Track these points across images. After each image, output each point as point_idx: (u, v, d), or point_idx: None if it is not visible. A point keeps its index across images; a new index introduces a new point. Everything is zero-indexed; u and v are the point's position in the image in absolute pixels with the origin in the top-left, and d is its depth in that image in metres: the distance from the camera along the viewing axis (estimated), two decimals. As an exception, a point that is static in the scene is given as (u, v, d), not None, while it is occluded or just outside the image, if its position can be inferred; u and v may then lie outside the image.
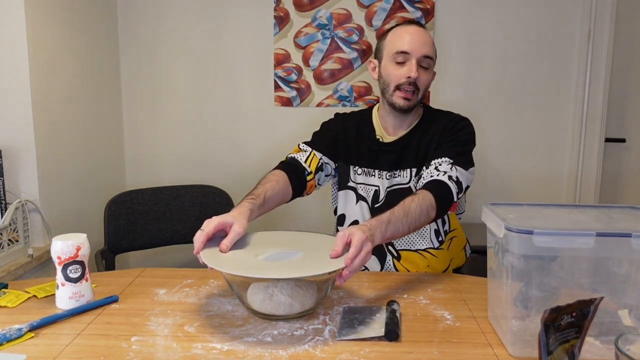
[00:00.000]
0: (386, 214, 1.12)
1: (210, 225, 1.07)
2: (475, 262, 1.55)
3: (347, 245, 1.01)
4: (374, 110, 1.48)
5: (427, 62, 1.33)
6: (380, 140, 1.43)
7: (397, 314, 1.03)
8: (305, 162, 1.41)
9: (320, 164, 1.43)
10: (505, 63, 2.34)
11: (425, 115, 1.43)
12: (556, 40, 2.32)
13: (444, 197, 1.23)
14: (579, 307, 0.78)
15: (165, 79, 2.38)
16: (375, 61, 1.42)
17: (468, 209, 1.64)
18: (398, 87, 1.34)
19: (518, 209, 1.04)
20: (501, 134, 2.38)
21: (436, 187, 1.24)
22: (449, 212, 1.28)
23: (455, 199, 1.26)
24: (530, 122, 2.38)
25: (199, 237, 1.05)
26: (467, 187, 1.31)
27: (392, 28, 1.39)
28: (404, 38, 1.33)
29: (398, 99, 1.34)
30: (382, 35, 1.41)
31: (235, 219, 1.09)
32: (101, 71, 2.19)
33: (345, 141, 1.46)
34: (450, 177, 1.26)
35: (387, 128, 1.44)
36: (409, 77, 1.31)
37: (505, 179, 2.42)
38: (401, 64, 1.33)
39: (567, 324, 0.77)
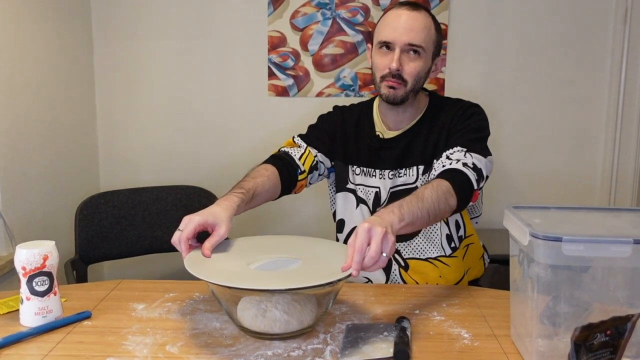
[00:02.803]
0: (395, 202, 1.11)
1: (190, 226, 1.09)
2: (495, 274, 1.55)
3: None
4: (375, 104, 1.50)
5: (415, 50, 1.33)
6: (381, 136, 1.44)
7: (408, 332, 1.03)
8: (300, 159, 1.43)
9: (314, 162, 1.45)
10: (529, 47, 2.34)
11: (432, 106, 1.44)
12: (588, 22, 2.32)
13: (461, 185, 1.23)
14: (614, 325, 0.78)
15: (144, 66, 2.38)
16: (370, 46, 1.45)
17: (487, 213, 1.64)
18: (383, 78, 1.36)
19: (545, 213, 1.04)
20: (525, 127, 2.38)
21: (451, 175, 1.24)
22: (472, 202, 1.28)
23: (475, 187, 1.26)
24: (558, 114, 2.38)
25: (179, 240, 1.08)
26: (487, 177, 1.31)
27: (388, 10, 1.40)
28: (389, 25, 1.35)
29: (384, 89, 1.36)
30: (380, 18, 1.43)
31: (218, 220, 1.11)
32: (72, 57, 2.19)
33: (344, 138, 1.48)
34: (465, 164, 1.26)
35: (387, 123, 1.45)
36: (389, 68, 1.33)
37: (530, 179, 2.41)
38: (386, 53, 1.35)
39: (600, 343, 0.77)
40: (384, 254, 0.98)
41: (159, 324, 1.10)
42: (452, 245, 1.43)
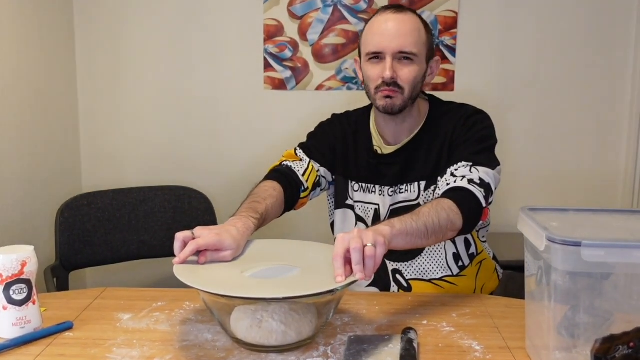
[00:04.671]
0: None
1: (206, 240, 1.10)
2: (509, 281, 1.55)
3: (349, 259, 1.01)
4: (372, 115, 1.50)
5: (407, 57, 1.34)
6: (379, 151, 1.45)
7: (415, 345, 1.03)
8: (303, 175, 1.45)
9: (317, 178, 1.48)
10: (547, 37, 2.33)
11: (432, 114, 1.44)
12: (609, 13, 2.31)
13: (467, 204, 1.24)
14: (637, 336, 0.78)
15: (130, 57, 2.38)
16: (357, 59, 1.45)
17: (500, 216, 1.65)
18: (378, 89, 1.36)
19: (563, 216, 1.04)
20: (541, 123, 2.38)
21: (454, 194, 1.25)
22: (482, 221, 1.29)
23: (484, 204, 1.27)
24: (577, 110, 2.37)
25: (184, 239, 1.09)
26: (495, 188, 1.32)
27: (371, 19, 1.40)
28: (376, 34, 1.35)
29: (380, 100, 1.36)
30: (363, 28, 1.42)
31: (232, 248, 1.12)
32: (51, 47, 2.19)
33: (343, 151, 1.50)
34: (471, 181, 1.27)
35: (385, 136, 1.46)
36: (383, 77, 1.34)
37: (546, 180, 2.41)
38: (377, 62, 1.36)
39: (622, 356, 0.78)
40: (369, 244, 0.98)
41: (146, 335, 1.10)
42: (460, 264, 1.43)
